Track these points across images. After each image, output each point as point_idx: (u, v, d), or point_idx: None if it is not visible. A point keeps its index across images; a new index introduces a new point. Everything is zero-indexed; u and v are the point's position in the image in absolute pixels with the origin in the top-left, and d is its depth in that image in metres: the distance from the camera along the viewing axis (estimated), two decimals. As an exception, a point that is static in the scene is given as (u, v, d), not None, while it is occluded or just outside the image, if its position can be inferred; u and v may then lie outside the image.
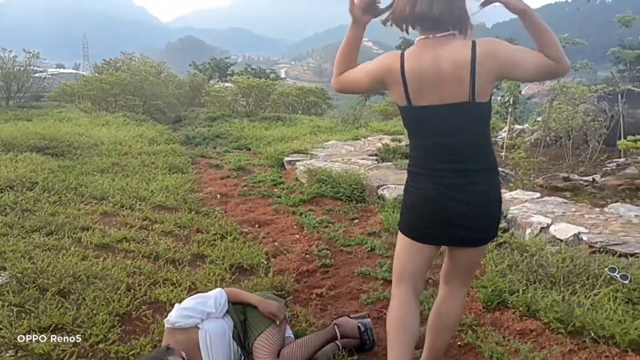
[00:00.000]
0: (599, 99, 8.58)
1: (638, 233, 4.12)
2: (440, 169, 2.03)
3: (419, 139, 2.11)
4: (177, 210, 5.14)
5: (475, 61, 1.88)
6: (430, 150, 2.06)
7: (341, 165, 6.78)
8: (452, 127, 1.99)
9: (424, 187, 2.07)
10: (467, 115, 1.97)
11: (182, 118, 13.21)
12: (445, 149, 2.02)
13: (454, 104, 1.94)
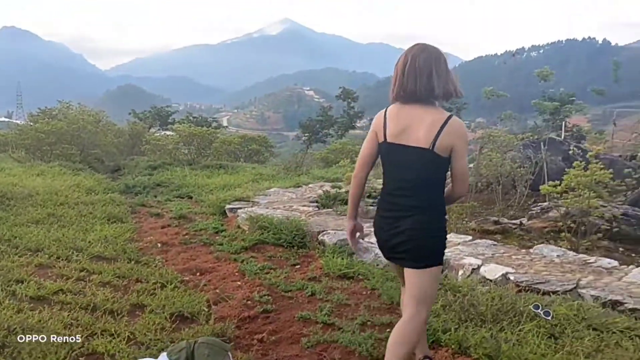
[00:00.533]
0: (524, 147, 9.15)
1: (559, 272, 4.42)
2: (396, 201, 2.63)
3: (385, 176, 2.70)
4: (115, 260, 5.08)
5: (445, 125, 2.47)
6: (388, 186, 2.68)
7: (283, 212, 6.89)
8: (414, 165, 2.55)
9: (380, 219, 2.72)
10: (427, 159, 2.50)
11: (121, 167, 13.05)
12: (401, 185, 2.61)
13: (416, 147, 2.51)
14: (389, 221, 2.63)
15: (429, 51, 2.55)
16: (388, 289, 4.33)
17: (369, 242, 5.42)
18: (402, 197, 2.59)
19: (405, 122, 2.53)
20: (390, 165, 2.65)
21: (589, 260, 4.74)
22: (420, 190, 2.56)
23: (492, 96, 7.48)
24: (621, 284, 4.10)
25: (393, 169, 2.64)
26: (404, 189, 2.59)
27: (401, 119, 2.55)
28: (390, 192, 2.66)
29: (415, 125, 2.50)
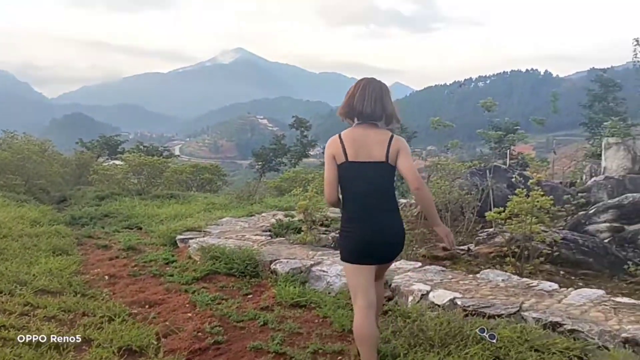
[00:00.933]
0: (471, 174, 9.47)
1: (504, 296, 4.57)
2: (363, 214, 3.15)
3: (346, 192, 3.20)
4: (61, 294, 4.93)
5: (390, 141, 3.11)
6: (355, 203, 3.18)
7: (235, 241, 6.86)
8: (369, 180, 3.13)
9: (359, 227, 3.16)
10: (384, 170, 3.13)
11: (67, 197, 12.71)
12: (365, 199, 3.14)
13: (374, 162, 3.10)
14: (378, 226, 3.13)
15: (378, 83, 3.23)
16: (339, 317, 4.37)
17: (321, 270, 5.48)
18: (379, 207, 3.14)
19: (360, 143, 3.11)
20: (353, 180, 3.15)
21: (532, 284, 4.91)
22: (383, 196, 3.17)
23: (439, 126, 7.75)
24: (561, 306, 4.27)
25: (357, 183, 3.14)
26: (375, 198, 3.13)
27: (356, 142, 3.12)
28: (363, 207, 3.14)
29: (369, 145, 3.11)
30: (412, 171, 3.12)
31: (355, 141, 3.12)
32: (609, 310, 4.16)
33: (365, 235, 3.12)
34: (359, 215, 3.14)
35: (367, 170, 3.12)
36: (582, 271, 6.29)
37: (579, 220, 7.72)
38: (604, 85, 22.28)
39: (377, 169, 3.11)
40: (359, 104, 3.13)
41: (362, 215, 3.12)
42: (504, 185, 9.02)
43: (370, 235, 3.11)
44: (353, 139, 3.13)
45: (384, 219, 3.14)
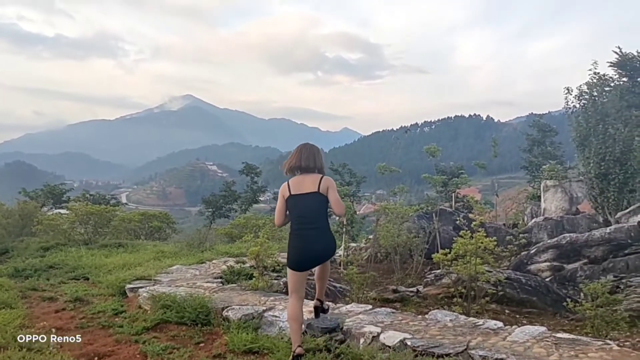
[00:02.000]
0: (418, 218, 9.76)
1: (452, 335, 4.73)
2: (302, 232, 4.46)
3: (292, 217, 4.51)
4: (6, 348, 4.77)
5: (321, 179, 4.45)
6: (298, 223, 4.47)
7: (186, 289, 6.80)
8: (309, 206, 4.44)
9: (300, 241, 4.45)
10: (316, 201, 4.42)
11: (9, 249, 12.23)
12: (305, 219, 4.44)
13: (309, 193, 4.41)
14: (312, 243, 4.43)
15: (311, 146, 4.68)
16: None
17: (273, 315, 5.51)
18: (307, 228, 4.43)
19: (300, 183, 4.49)
20: (296, 208, 4.48)
21: (478, 323, 5.10)
22: (315, 217, 4.45)
23: (386, 171, 8.03)
24: (506, 344, 4.46)
25: (298, 209, 4.46)
26: (309, 218, 4.43)
27: (297, 183, 4.50)
28: (300, 226, 4.45)
29: (306, 184, 4.47)
30: (337, 202, 4.43)
31: (297, 183, 4.50)
32: (551, 345, 4.38)
33: (302, 252, 4.43)
34: (298, 232, 4.47)
35: (304, 199, 4.44)
36: (527, 309, 6.57)
37: (521, 260, 8.06)
38: (541, 130, 23.49)
39: (310, 197, 4.42)
40: (299, 162, 4.52)
41: (300, 231, 4.45)
42: (450, 227, 9.33)
43: (305, 252, 4.42)
44: (296, 182, 4.51)
45: (316, 234, 4.42)
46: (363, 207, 38.47)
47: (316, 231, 4.41)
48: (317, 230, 4.42)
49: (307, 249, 4.40)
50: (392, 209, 8.54)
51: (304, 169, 4.49)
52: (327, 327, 5.03)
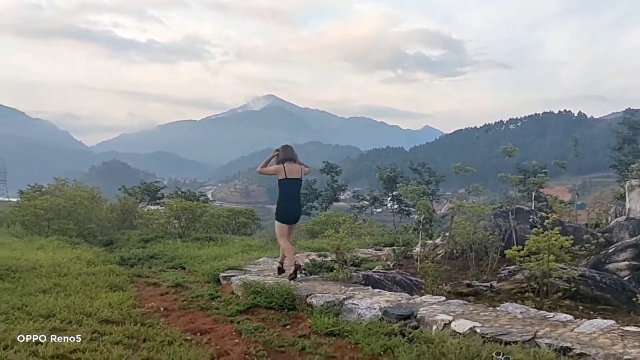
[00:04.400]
0: (495, 216, 9.89)
1: (520, 325, 5.01)
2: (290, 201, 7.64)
3: (284, 191, 7.55)
4: (123, 323, 5.55)
5: (301, 169, 7.67)
6: (288, 196, 7.55)
7: (273, 279, 7.43)
8: (295, 187, 7.67)
9: (289, 206, 7.62)
10: (299, 183, 7.71)
11: (114, 240, 13.49)
12: (292, 194, 7.64)
13: (296, 178, 7.59)
14: (295, 207, 7.74)
15: (289, 146, 7.78)
16: (370, 343, 4.87)
17: (352, 303, 5.99)
18: (294, 198, 7.67)
19: (291, 170, 7.50)
20: (287, 187, 7.49)
21: (548, 316, 5.34)
22: (297, 194, 7.81)
23: (460, 171, 8.28)
24: (572, 334, 4.70)
25: (288, 188, 7.51)
26: (293, 195, 7.62)
27: (290, 169, 7.48)
28: (288, 199, 7.54)
29: (295, 170, 7.55)
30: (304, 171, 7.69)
31: (290, 169, 7.48)
32: (616, 337, 4.58)
33: (287, 212, 7.56)
34: (285, 203, 7.53)
35: (293, 183, 7.56)
36: (601, 306, 6.64)
37: (599, 259, 8.04)
38: (632, 127, 22.49)
39: (296, 182, 7.63)
40: (289, 155, 7.61)
41: (289, 202, 7.57)
42: (527, 226, 9.39)
43: (290, 212, 7.61)
44: (289, 168, 7.48)
45: (297, 203, 7.82)
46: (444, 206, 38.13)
47: (296, 202, 7.79)
48: (296, 201, 7.79)
49: (291, 210, 7.61)
50: (468, 207, 8.76)
51: (291, 160, 7.55)
52: (402, 314, 5.45)
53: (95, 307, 6.05)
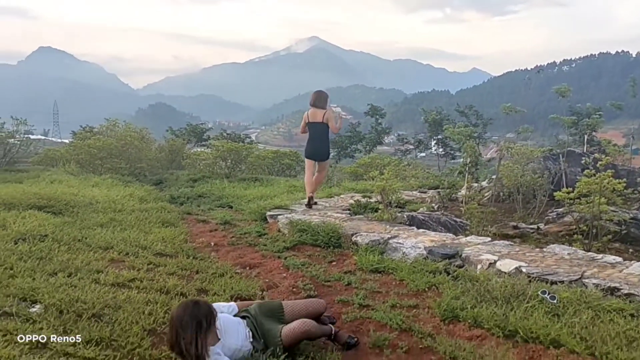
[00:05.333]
0: (544, 159, 9.68)
1: (567, 266, 4.98)
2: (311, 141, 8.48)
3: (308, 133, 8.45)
4: (176, 256, 5.81)
5: (324, 114, 8.20)
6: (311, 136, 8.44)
7: (318, 218, 7.56)
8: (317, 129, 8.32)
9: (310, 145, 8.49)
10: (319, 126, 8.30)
11: (163, 180, 13.89)
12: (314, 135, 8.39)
13: (317, 122, 8.26)
14: (314, 146, 8.42)
15: (321, 92, 8.42)
16: (414, 280, 4.96)
17: (397, 242, 6.06)
18: (314, 139, 8.38)
19: (314, 114, 8.26)
20: (310, 129, 8.36)
21: (596, 257, 5.28)
22: (320, 136, 8.34)
23: (510, 111, 8.06)
24: (621, 275, 4.65)
25: (310, 130, 8.36)
26: (314, 137, 8.37)
27: (313, 114, 8.26)
28: (310, 139, 8.42)
29: (317, 115, 8.23)
30: (331, 123, 8.20)
31: (312, 114, 8.26)
32: (667, 278, 4.50)
33: (307, 150, 8.51)
34: (308, 142, 8.46)
35: (315, 125, 8.26)
36: (652, 250, 6.52)
37: (653, 203, 7.84)
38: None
39: (318, 125, 8.25)
40: (313, 102, 8.27)
41: (311, 142, 8.40)
42: (578, 169, 9.17)
43: (313, 149, 8.42)
44: (312, 113, 8.27)
45: (318, 143, 8.37)
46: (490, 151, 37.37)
47: (317, 142, 8.37)
48: (317, 142, 8.37)
49: (310, 149, 8.46)
50: (517, 150, 8.59)
51: (314, 105, 8.25)
52: (447, 253, 5.50)
53: (150, 241, 6.33)
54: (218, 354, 3.05)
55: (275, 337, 3.35)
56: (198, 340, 2.98)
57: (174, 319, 3.06)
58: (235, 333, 3.31)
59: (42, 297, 4.09)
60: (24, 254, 5.34)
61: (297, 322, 3.42)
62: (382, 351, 3.60)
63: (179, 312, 3.07)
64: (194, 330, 2.98)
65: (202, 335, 3.00)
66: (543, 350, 3.46)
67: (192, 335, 2.97)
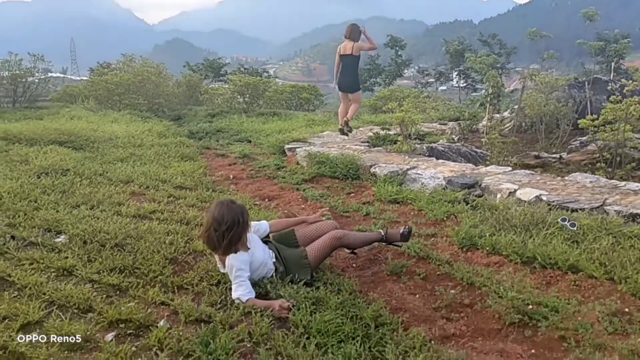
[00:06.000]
0: (569, 87, 9.41)
1: (589, 194, 4.91)
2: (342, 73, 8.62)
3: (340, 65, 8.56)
4: (195, 189, 5.87)
5: (353, 46, 8.21)
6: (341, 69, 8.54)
7: (337, 150, 7.52)
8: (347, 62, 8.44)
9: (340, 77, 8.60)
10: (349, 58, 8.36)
11: (181, 116, 13.89)
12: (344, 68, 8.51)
13: (347, 54, 8.32)
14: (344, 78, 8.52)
15: (355, 25, 8.40)
16: (433, 209, 4.95)
17: (416, 173, 6.02)
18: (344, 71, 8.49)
19: (345, 47, 8.31)
20: (341, 61, 8.43)
21: (619, 185, 5.20)
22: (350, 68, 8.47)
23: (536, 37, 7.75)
24: (644, 202, 4.58)
25: (342, 63, 8.44)
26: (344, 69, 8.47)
27: (344, 47, 8.33)
28: (341, 71, 8.50)
29: (347, 48, 8.27)
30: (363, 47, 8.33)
31: (343, 47, 8.34)
32: (692, 205, 4.42)
33: (341, 81, 8.56)
34: (341, 74, 8.51)
35: (345, 58, 8.34)
36: (677, 178, 6.40)
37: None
38: None
39: (348, 57, 8.31)
40: (347, 35, 8.27)
41: (342, 74, 8.51)
42: (603, 97, 8.91)
43: (342, 81, 8.54)
44: (343, 46, 8.36)
45: (347, 76, 8.49)
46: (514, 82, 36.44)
47: (346, 74, 8.49)
48: (346, 74, 8.49)
49: (340, 80, 8.56)
50: (541, 78, 8.33)
51: (350, 38, 8.25)
52: (466, 183, 5.46)
53: (169, 174, 6.39)
54: (242, 269, 3.13)
55: (301, 257, 3.44)
56: (234, 235, 3.12)
57: (213, 214, 3.17)
58: (262, 249, 3.41)
59: (66, 228, 4.19)
60: (47, 188, 5.42)
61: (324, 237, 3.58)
62: (400, 278, 3.64)
63: (217, 208, 3.19)
64: (231, 226, 3.11)
65: (237, 231, 3.13)
66: (561, 276, 3.47)
67: (228, 230, 3.10)
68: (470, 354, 2.63)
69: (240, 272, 3.12)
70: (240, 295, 3.06)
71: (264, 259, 3.34)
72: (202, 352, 2.46)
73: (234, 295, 3.08)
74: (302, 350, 2.49)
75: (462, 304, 3.22)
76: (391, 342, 2.61)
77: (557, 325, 2.84)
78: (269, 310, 2.91)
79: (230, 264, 3.14)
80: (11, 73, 13.64)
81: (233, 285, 3.12)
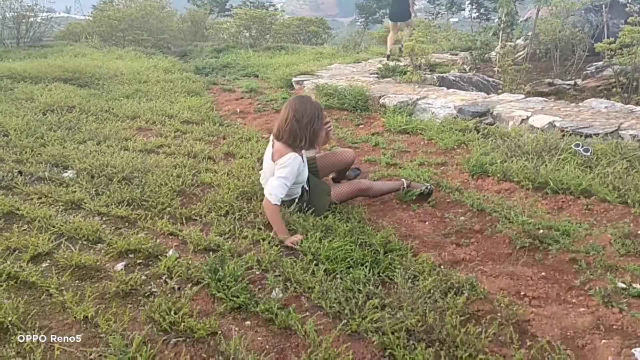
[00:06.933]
0: (586, 11, 9.04)
1: (604, 119, 4.79)
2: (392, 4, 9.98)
3: None
4: (202, 123, 5.80)
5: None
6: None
7: (345, 82, 7.36)
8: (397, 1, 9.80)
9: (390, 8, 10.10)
10: None
11: (187, 52, 13.62)
12: None
13: None
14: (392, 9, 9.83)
15: None
16: (443, 138, 4.86)
17: (426, 103, 5.90)
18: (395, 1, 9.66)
19: None
20: None
21: (635, 109, 5.05)
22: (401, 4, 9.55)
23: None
24: (660, 126, 4.45)
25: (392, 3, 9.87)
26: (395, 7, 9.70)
27: None
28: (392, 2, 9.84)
29: None
30: None
31: None
32: None
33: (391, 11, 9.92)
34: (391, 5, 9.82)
35: None
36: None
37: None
38: None
39: None
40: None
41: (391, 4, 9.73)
42: (621, 21, 8.56)
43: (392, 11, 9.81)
44: None
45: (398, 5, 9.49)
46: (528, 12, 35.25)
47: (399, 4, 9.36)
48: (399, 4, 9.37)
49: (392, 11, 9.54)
50: (557, 2, 8.00)
51: None
52: (477, 111, 5.33)
53: (176, 109, 6.31)
54: (292, 174, 3.11)
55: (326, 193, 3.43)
56: (315, 128, 3.15)
57: (294, 107, 3.15)
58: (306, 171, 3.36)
59: (73, 163, 4.17)
60: (53, 124, 5.39)
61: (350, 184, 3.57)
62: (409, 205, 3.60)
63: (297, 102, 3.20)
64: (312, 119, 3.13)
65: (318, 125, 3.16)
66: (573, 200, 3.41)
67: (310, 123, 3.12)
68: (480, 277, 2.62)
69: (290, 175, 3.09)
70: (275, 194, 3.03)
71: (303, 181, 3.32)
72: (211, 279, 2.46)
73: (267, 190, 3.07)
74: (310, 276, 2.49)
75: (472, 230, 3.19)
76: (400, 267, 2.59)
77: (568, 248, 2.81)
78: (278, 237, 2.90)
79: (286, 162, 3.08)
80: (15, 13, 13.33)
81: (274, 180, 3.08)
